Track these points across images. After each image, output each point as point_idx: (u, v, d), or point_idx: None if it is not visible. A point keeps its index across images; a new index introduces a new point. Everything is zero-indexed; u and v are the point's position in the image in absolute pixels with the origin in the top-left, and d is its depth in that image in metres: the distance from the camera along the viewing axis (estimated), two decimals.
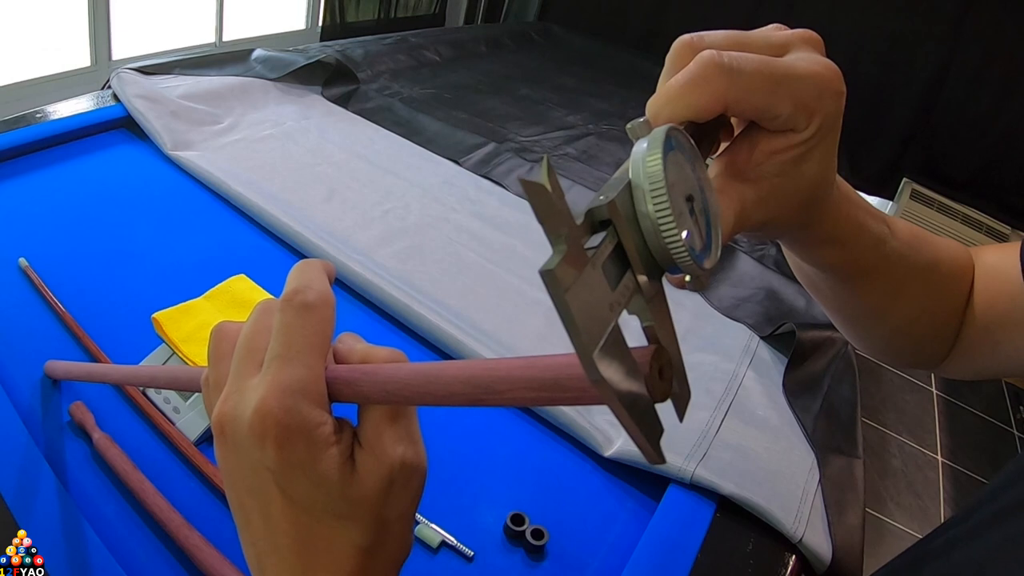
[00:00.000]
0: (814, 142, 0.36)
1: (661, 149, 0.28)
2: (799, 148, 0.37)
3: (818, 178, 0.38)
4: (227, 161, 1.44)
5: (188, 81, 1.69)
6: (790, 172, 0.37)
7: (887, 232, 0.49)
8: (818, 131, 0.36)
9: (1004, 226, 3.56)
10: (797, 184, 0.38)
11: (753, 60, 0.34)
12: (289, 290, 0.35)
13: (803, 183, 0.38)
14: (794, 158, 0.37)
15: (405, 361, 0.36)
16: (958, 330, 0.58)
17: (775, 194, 0.38)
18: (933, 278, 0.55)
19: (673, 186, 0.28)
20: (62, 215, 1.21)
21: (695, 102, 0.33)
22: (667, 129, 0.30)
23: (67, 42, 2.68)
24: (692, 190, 0.30)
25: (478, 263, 1.31)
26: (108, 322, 0.99)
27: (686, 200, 0.29)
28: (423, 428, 0.36)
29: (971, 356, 0.58)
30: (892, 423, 2.79)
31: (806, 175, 0.37)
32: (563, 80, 2.73)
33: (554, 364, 0.27)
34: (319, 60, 1.91)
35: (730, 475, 0.90)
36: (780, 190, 0.38)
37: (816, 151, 0.37)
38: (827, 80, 0.36)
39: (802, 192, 0.38)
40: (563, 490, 0.91)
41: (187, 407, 0.87)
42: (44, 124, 1.38)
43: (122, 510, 0.76)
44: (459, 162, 1.71)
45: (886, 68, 3.43)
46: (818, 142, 0.37)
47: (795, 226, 0.42)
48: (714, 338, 1.26)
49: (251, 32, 3.40)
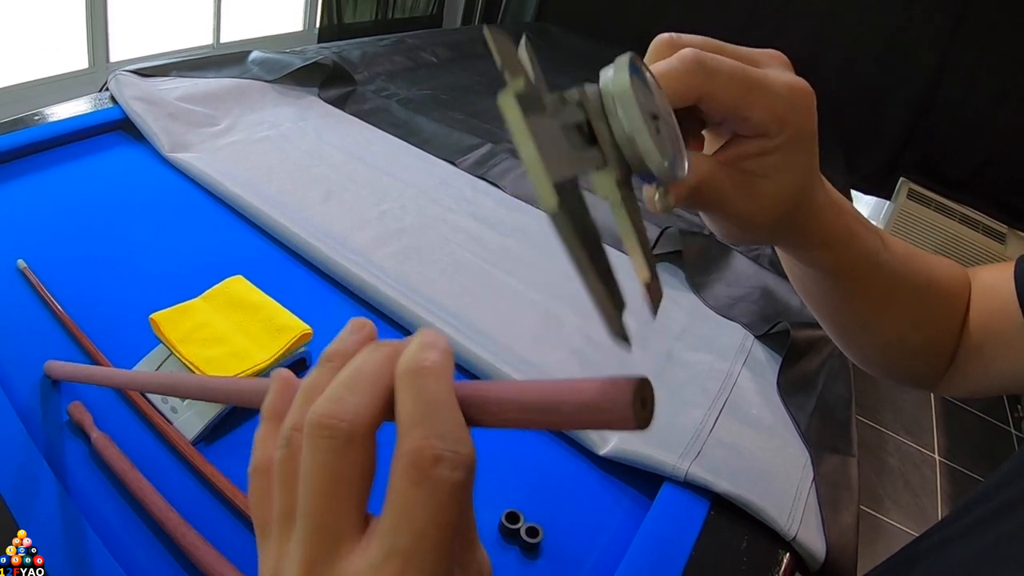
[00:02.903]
0: (787, 150, 0.39)
1: (628, 69, 0.31)
2: (772, 154, 0.39)
3: (796, 186, 0.41)
4: (224, 163, 1.45)
5: (186, 83, 1.69)
6: (769, 175, 0.40)
7: (880, 244, 0.51)
8: (790, 141, 0.38)
9: (1001, 225, 3.56)
10: (776, 189, 0.40)
11: (729, 63, 0.36)
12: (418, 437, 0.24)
13: (782, 189, 0.40)
14: (771, 164, 0.39)
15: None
16: (954, 350, 0.58)
17: (752, 191, 0.40)
18: (927, 295, 0.56)
19: (639, 101, 0.30)
20: (60, 217, 1.22)
21: (671, 86, 0.36)
22: (630, 55, 0.32)
23: (64, 44, 2.68)
24: (655, 110, 0.32)
25: (475, 263, 1.32)
26: (106, 323, 1.00)
27: (651, 117, 0.31)
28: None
29: (966, 374, 0.59)
30: (890, 422, 2.80)
31: (784, 183, 0.40)
32: (560, 81, 2.66)
33: (553, 389, 0.27)
34: (316, 62, 1.91)
35: (724, 473, 0.91)
36: (757, 188, 0.40)
37: (792, 160, 0.40)
38: (800, 96, 0.39)
39: (781, 196, 0.41)
40: (558, 488, 0.92)
41: (184, 407, 0.88)
42: (42, 126, 1.39)
43: (120, 509, 0.77)
44: (455, 163, 1.71)
45: (883, 67, 3.44)
46: (792, 151, 0.39)
47: (783, 228, 0.44)
48: (709, 337, 1.27)
49: (248, 34, 3.41)
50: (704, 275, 1.44)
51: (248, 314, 0.96)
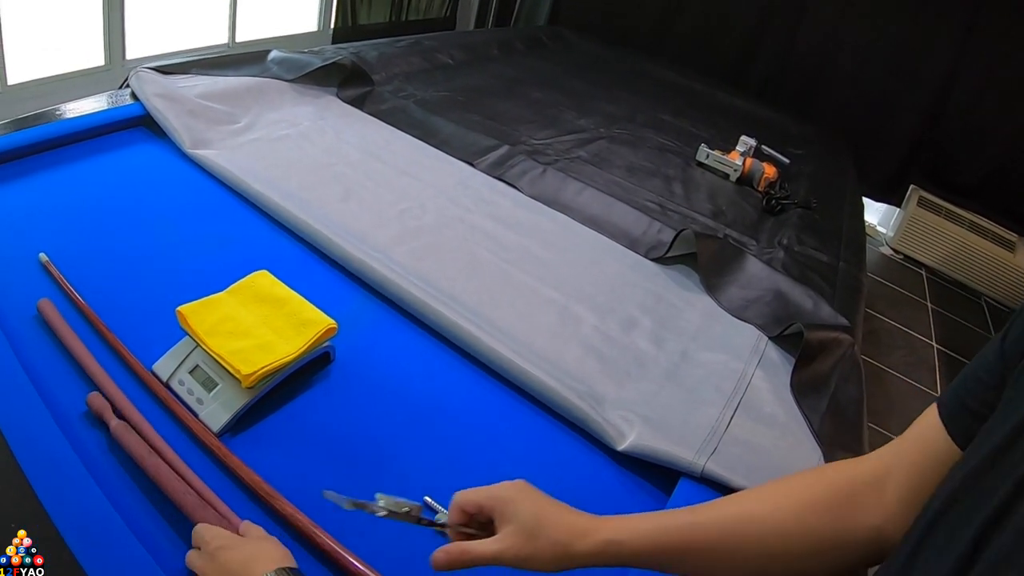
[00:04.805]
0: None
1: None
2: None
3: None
4: (245, 160, 1.47)
5: (205, 81, 1.71)
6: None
7: (688, 518, 0.61)
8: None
9: (1010, 233, 3.57)
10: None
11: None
12: None
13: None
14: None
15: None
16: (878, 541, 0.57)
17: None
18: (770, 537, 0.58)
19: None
20: (82, 211, 1.23)
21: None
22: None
23: (81, 41, 2.70)
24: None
25: (493, 262, 1.34)
26: (127, 316, 1.01)
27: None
28: (444, 424, 0.37)
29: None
30: (897, 428, 2.80)
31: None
32: (574, 84, 2.76)
33: None
34: (335, 62, 1.93)
35: (739, 469, 0.92)
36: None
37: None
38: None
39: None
40: (576, 483, 0.93)
41: (211, 398, 0.89)
42: (63, 121, 1.40)
43: (139, 492, 0.78)
44: (473, 164, 1.73)
45: (894, 75, 3.45)
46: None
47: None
48: (723, 338, 1.28)
49: (264, 33, 3.42)
50: (718, 277, 1.45)
51: (273, 308, 0.98)
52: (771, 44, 3.63)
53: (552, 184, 1.71)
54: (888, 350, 3.01)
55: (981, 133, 3.44)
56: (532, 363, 1.04)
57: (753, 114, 3.07)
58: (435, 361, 1.10)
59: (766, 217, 1.98)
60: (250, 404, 0.89)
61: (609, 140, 2.19)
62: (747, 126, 2.64)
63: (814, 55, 3.54)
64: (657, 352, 1.21)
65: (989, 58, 3.28)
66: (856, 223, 2.22)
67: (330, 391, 0.99)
